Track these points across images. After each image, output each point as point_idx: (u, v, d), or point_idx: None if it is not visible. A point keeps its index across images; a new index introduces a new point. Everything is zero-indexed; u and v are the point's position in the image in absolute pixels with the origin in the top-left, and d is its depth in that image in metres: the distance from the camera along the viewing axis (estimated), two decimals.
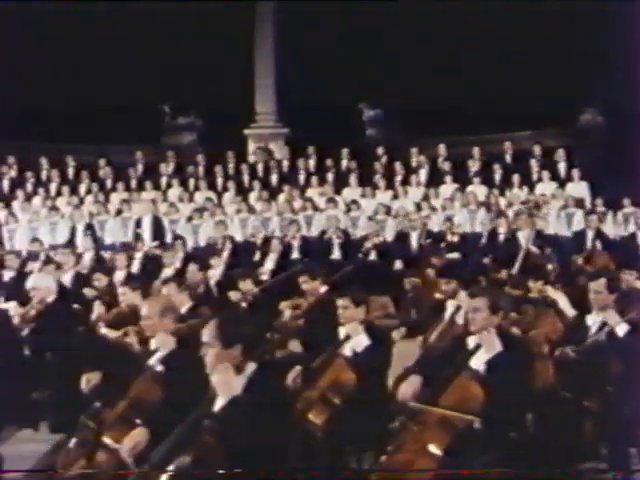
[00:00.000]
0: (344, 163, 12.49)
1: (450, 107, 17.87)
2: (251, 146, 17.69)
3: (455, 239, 10.04)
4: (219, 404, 3.00)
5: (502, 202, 11.28)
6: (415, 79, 18.31)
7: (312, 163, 12.57)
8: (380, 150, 12.93)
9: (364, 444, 4.07)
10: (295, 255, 10.12)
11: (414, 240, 9.31)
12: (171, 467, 2.82)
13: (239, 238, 10.77)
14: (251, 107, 18.74)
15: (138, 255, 9.46)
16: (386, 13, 18.55)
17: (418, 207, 11.32)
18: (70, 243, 10.47)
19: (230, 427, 2.80)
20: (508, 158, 12.69)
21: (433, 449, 3.60)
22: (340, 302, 4.47)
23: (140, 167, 13.08)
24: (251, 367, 3.03)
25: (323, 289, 5.60)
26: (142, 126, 17.97)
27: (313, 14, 18.45)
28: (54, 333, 5.20)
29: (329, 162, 12.54)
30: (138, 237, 9.86)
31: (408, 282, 8.16)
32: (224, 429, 2.81)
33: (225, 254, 9.00)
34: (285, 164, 12.70)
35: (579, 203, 11.25)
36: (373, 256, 10.13)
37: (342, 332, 4.55)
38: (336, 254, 10.22)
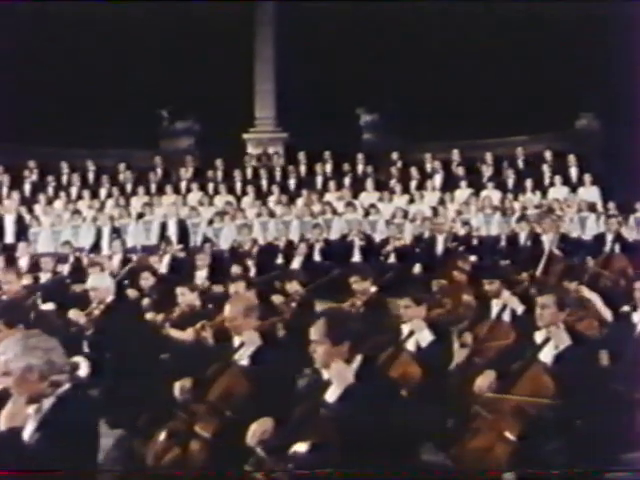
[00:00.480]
0: (360, 168, 12.77)
1: (448, 111, 18.72)
2: (250, 150, 17.82)
3: (475, 242, 10.42)
4: (335, 394, 3.28)
5: (516, 206, 11.69)
6: (413, 83, 18.99)
7: (329, 168, 12.83)
8: (395, 155, 13.23)
9: (434, 434, 4.36)
10: (317, 258, 10.48)
11: (440, 243, 9.67)
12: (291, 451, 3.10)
13: (261, 241, 11.08)
14: (250, 112, 18.68)
15: (166, 257, 9.72)
16: (386, 17, 19.23)
17: (435, 211, 11.69)
18: (96, 246, 10.77)
19: (348, 415, 3.09)
20: (520, 163, 13.00)
21: (509, 435, 3.91)
22: (402, 302, 4.77)
23: (159, 171, 13.28)
24: (358, 359, 3.33)
25: (373, 289, 5.91)
26: (140, 130, 19.01)
27: (313, 19, 18.67)
28: (117, 333, 5.42)
29: (346, 167, 12.83)
30: (164, 240, 10.10)
31: (436, 284, 8.47)
32: (342, 417, 3.10)
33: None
34: (302, 169, 12.93)
35: (591, 207, 11.65)
36: (393, 259, 10.50)
37: (405, 329, 4.86)
38: (357, 257, 10.57)
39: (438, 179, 12.46)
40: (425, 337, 4.69)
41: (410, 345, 4.74)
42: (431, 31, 18.75)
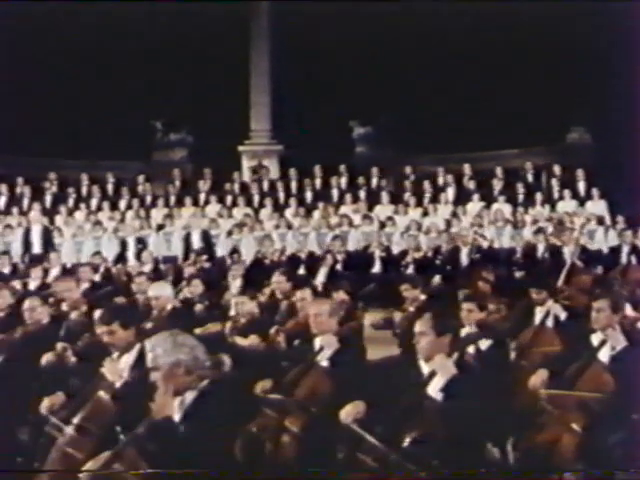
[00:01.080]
0: (374, 181, 13.23)
1: (441, 124, 18.07)
2: (245, 163, 18.22)
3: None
4: (439, 384, 3.70)
5: (527, 219, 12.18)
6: (406, 97, 18.99)
7: (344, 181, 13.28)
8: (408, 169, 13.68)
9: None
10: (339, 268, 10.89)
11: (464, 255, 10.13)
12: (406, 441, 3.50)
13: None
14: (244, 124, 18.89)
15: (192, 268, 10.07)
16: (380, 30, 19.23)
17: (448, 224, 12.15)
18: (121, 257, 11.12)
19: (453, 405, 3.51)
20: (530, 177, 13.52)
21: (575, 427, 4.35)
22: (465, 306, 5.20)
23: (178, 183, 13.65)
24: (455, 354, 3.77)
25: (422, 297, 6.34)
26: (134, 141, 18.53)
27: (309, 32, 18.69)
28: None
29: (361, 180, 13.29)
30: (193, 251, 10.47)
31: (462, 294, 8.90)
32: (448, 407, 3.53)
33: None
34: (318, 182, 13.37)
35: (599, 220, 12.17)
36: (411, 270, 10.94)
37: (464, 332, 5.29)
38: (377, 268, 10.99)
39: (451, 192, 12.94)
40: (485, 341, 5.13)
41: (471, 348, 5.17)
42: (425, 45, 18.69)
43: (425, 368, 3.78)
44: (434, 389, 3.66)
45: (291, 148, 18.24)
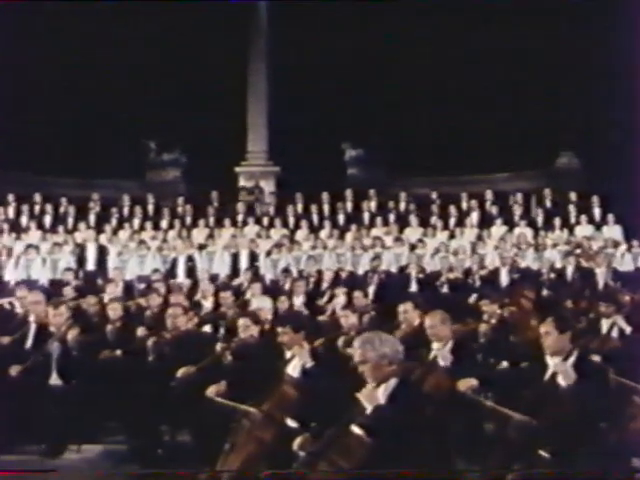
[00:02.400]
0: (402, 205, 14.27)
1: (432, 146, 19.02)
2: (242, 183, 19.08)
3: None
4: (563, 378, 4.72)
5: (548, 242, 13.26)
6: (399, 119, 19.43)
7: (373, 205, 14.28)
8: (434, 195, 14.72)
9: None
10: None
11: (504, 274, 11.17)
12: None
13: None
14: (240, 145, 19.84)
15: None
16: (373, 54, 19.79)
17: (473, 246, 13.18)
18: (171, 274, 11.95)
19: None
20: (548, 203, 14.64)
21: None
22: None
23: (215, 204, 14.51)
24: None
25: (499, 311, 7.33)
26: (127, 161, 19.03)
27: (306, 54, 19.45)
28: None
29: (391, 204, 14.31)
30: (250, 269, 11.38)
31: (506, 311, 9.90)
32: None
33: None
34: (349, 205, 14.35)
35: (615, 244, 13.28)
36: (445, 289, 11.93)
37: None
38: (413, 287, 11.96)
39: (475, 217, 14.01)
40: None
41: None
42: (417, 68, 19.67)
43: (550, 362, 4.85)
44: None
45: (287, 170, 19.30)
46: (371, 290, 10.86)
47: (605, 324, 6.95)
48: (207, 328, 7.54)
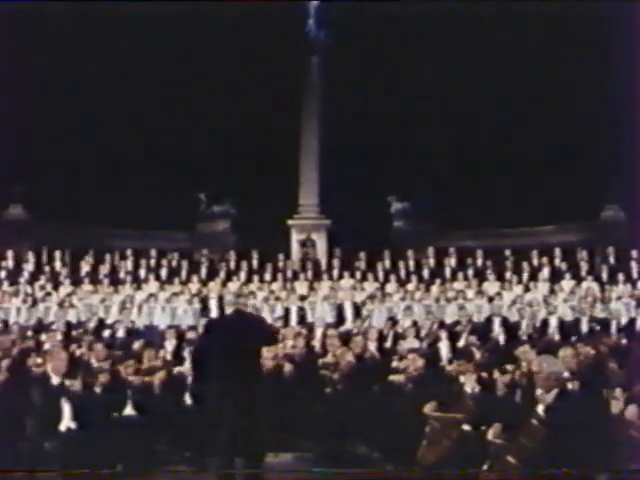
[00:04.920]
0: (479, 262, 16.73)
1: (477, 199, 21.00)
2: (294, 236, 21.32)
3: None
4: None
5: (613, 295, 15.60)
6: (444, 172, 21.61)
7: (453, 261, 16.76)
8: (507, 252, 17.16)
9: None
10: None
11: (584, 323, 13.59)
12: None
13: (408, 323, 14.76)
14: (290, 198, 21.90)
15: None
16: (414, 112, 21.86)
17: (545, 299, 15.55)
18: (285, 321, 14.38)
19: None
20: (611, 259, 17.05)
21: None
22: None
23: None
24: None
25: (593, 352, 9.75)
26: (177, 212, 21.18)
27: (356, 113, 21.85)
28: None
29: (469, 261, 16.80)
30: (361, 318, 13.91)
31: (583, 354, 12.25)
32: None
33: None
34: (432, 261, 16.84)
35: None
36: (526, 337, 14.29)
37: None
38: (499, 338, 14.32)
39: (546, 272, 16.43)
40: None
41: None
42: (461, 122, 21.97)
43: None
44: None
45: (338, 222, 21.41)
46: (463, 338, 13.26)
47: None
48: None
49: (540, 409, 6.57)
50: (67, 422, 7.39)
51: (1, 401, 7.96)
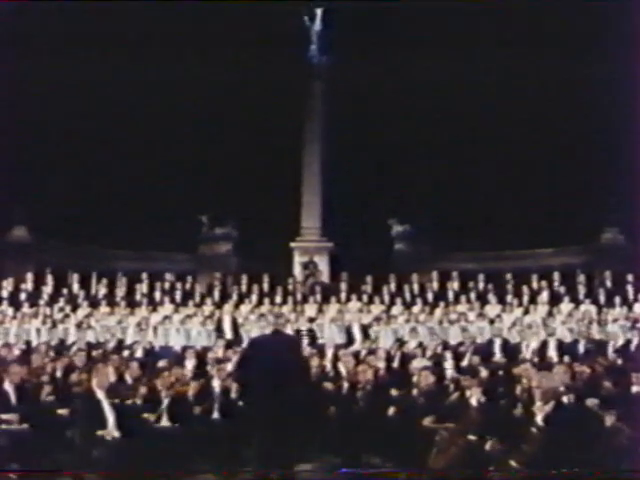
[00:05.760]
0: (481, 285, 17.78)
1: (477, 222, 21.73)
2: (296, 258, 22.09)
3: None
4: None
5: (609, 318, 16.63)
6: (445, 196, 22.59)
7: (456, 285, 17.82)
8: (508, 275, 18.21)
9: None
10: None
11: (582, 345, 14.62)
12: None
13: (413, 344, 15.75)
14: (293, 221, 22.68)
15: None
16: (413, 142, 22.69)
17: (544, 321, 16.57)
18: None
19: None
20: (609, 283, 18.10)
21: None
22: None
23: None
24: None
25: (588, 370, 10.84)
26: (179, 234, 21.94)
27: (357, 137, 22.88)
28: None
29: (471, 284, 17.84)
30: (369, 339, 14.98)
31: (579, 373, 13.26)
32: None
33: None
34: (435, 285, 17.89)
35: None
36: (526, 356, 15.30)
37: None
38: (498, 356, 15.33)
39: (545, 295, 17.48)
40: None
41: None
42: (460, 146, 22.79)
43: None
44: None
45: (340, 245, 22.21)
46: (467, 358, 14.24)
47: None
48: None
49: (539, 419, 7.61)
50: (111, 431, 8.35)
51: (50, 413, 8.94)
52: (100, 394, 8.56)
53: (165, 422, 9.13)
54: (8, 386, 8.96)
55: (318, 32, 24.00)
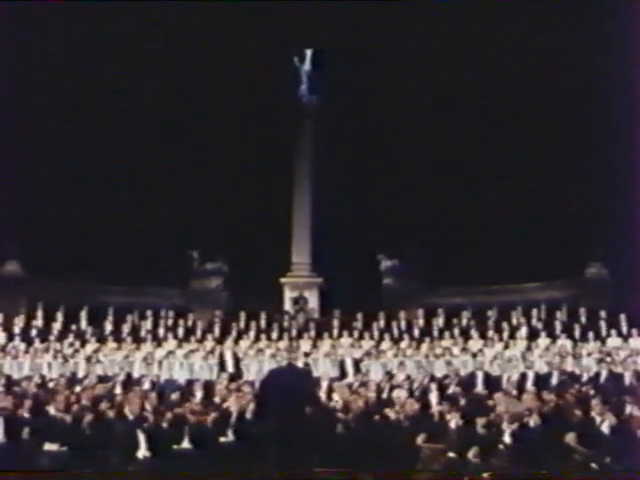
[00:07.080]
0: (464, 322, 19.67)
1: (465, 257, 23.34)
2: (287, 293, 23.43)
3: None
4: None
5: (584, 352, 18.49)
6: (432, 231, 23.56)
7: (441, 321, 19.71)
8: (490, 312, 20.10)
9: None
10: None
11: (555, 377, 16.53)
12: None
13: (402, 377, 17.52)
14: (283, 256, 23.97)
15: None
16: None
17: (523, 355, 18.42)
18: None
19: None
20: (583, 319, 20.00)
21: None
22: None
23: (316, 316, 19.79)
24: None
25: (555, 399, 12.77)
26: (171, 270, 23.15)
27: (345, 174, 24.29)
28: None
29: (455, 321, 19.72)
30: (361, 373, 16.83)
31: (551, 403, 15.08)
32: None
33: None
34: (421, 322, 19.79)
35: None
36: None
37: None
38: (480, 387, 17.16)
39: (524, 330, 19.39)
40: None
41: None
42: (446, 180, 24.35)
43: None
44: None
45: (329, 280, 23.48)
46: (452, 389, 16.07)
47: None
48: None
49: (506, 437, 9.54)
50: (143, 451, 10.17)
51: (87, 436, 10.75)
52: (132, 418, 10.37)
53: (186, 444, 10.90)
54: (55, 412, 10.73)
55: (308, 72, 25.76)
